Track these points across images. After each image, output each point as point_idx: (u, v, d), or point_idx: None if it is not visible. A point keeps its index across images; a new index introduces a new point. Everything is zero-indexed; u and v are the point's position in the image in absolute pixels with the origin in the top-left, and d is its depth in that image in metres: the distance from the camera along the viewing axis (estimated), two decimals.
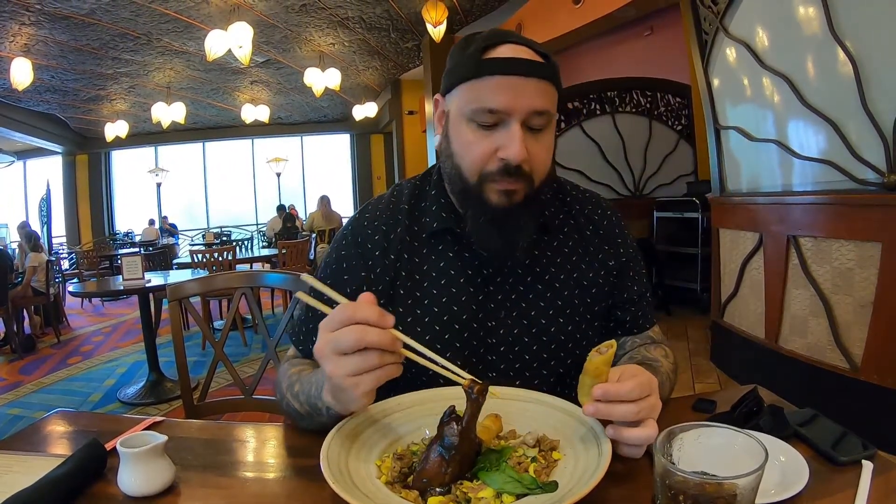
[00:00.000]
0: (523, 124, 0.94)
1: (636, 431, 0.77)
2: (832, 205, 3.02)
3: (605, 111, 6.52)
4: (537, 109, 0.94)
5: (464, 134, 0.98)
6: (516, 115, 0.93)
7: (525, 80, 0.93)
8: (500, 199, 0.97)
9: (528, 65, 0.94)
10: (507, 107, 0.93)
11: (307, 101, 12.39)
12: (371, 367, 0.76)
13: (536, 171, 0.97)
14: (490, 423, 0.83)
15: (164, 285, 3.90)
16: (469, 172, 0.99)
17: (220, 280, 1.80)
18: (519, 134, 0.93)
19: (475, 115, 0.96)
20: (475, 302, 1.05)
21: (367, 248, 1.09)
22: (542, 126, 0.96)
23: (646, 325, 1.15)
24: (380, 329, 0.76)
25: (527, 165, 0.95)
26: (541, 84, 0.95)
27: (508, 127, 0.94)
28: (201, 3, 6.75)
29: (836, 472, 0.78)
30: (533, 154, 0.95)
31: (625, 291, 1.13)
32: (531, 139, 0.95)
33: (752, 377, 3.55)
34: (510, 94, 0.93)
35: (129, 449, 0.78)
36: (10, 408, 4.13)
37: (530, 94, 0.93)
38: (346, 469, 0.76)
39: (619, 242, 1.14)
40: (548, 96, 0.96)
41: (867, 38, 2.76)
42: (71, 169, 14.45)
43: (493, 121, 0.95)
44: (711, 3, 3.74)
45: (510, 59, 0.94)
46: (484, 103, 0.94)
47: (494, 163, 0.95)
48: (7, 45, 7.32)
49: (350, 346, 0.76)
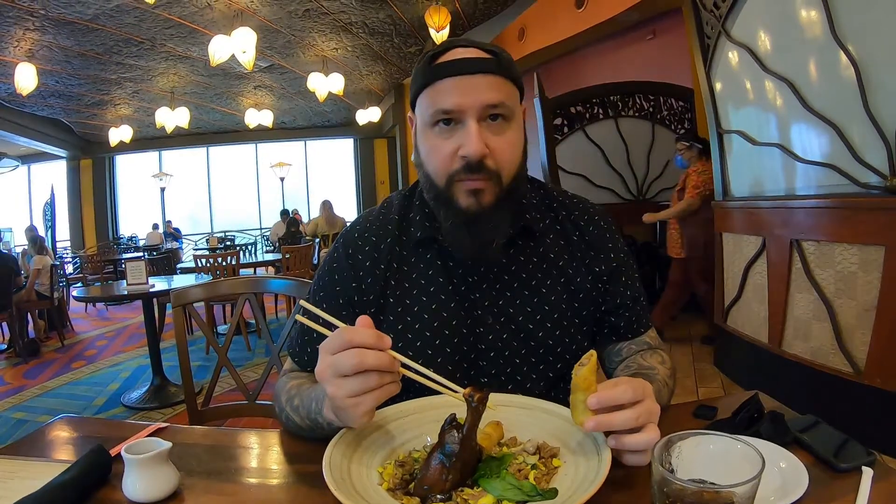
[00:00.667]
0: (480, 120, 0.96)
1: (638, 437, 0.77)
2: (835, 208, 3.01)
3: (607, 115, 6.52)
4: (489, 103, 0.96)
5: (428, 140, 1.01)
6: (470, 111, 0.96)
7: (473, 77, 0.96)
8: (469, 200, 0.98)
9: (473, 62, 0.97)
10: (459, 105, 0.96)
11: (311, 105, 12.42)
12: (370, 388, 0.78)
13: (503, 167, 0.98)
14: (491, 430, 0.83)
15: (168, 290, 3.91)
16: (437, 176, 1.01)
17: (223, 286, 1.81)
18: (474, 129, 0.95)
19: (434, 119, 0.99)
20: (462, 308, 1.07)
21: (357, 259, 1.11)
22: (501, 117, 0.98)
23: (640, 329, 1.15)
24: (378, 351, 0.78)
25: (490, 161, 0.97)
26: (490, 78, 0.97)
27: (465, 125, 0.96)
28: (205, 9, 6.78)
29: (837, 478, 0.78)
30: (494, 148, 0.97)
31: (617, 297, 1.13)
32: (491, 134, 0.97)
33: (756, 382, 3.55)
34: (460, 92, 0.96)
35: (133, 455, 0.78)
36: (14, 412, 4.14)
37: (480, 89, 0.96)
38: (348, 476, 0.76)
39: (609, 248, 1.14)
40: (501, 89, 0.98)
41: (869, 41, 2.77)
42: (75, 173, 14.48)
43: (452, 122, 0.98)
44: (714, 7, 3.74)
45: (456, 60, 0.98)
46: (438, 105, 0.98)
47: (457, 162, 0.97)
48: (11, 50, 7.36)
49: (350, 370, 0.77)
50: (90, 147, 14.19)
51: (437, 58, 1.00)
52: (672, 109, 6.63)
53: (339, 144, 16.23)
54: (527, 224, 1.09)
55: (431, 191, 1.04)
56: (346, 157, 16.37)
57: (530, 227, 1.09)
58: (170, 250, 10.03)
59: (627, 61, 7.54)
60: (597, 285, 1.11)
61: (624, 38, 7.45)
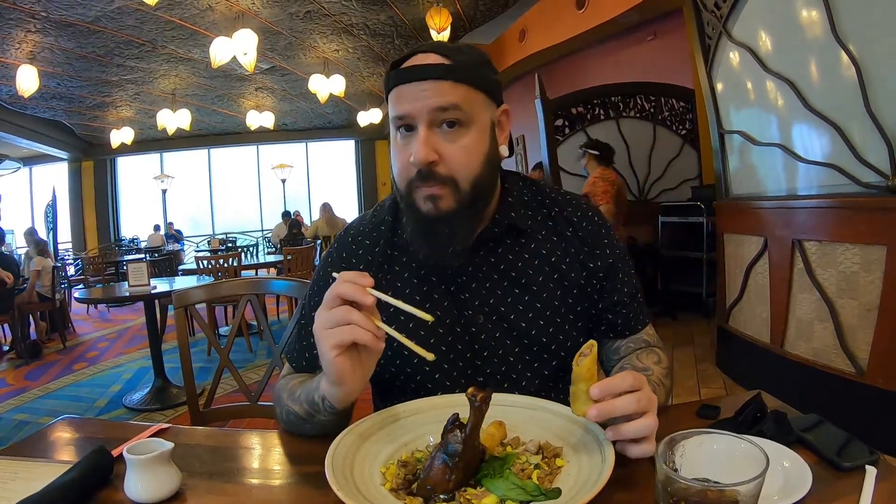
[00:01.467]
0: (432, 126, 0.97)
1: (636, 423, 0.77)
2: (836, 208, 3.01)
3: (608, 116, 6.53)
4: (436, 106, 0.96)
5: (393, 146, 1.03)
6: (420, 117, 0.96)
7: (423, 83, 0.96)
8: (428, 205, 0.99)
9: (423, 69, 0.97)
10: (409, 111, 0.97)
11: (312, 107, 12.42)
12: (338, 320, 0.82)
13: (457, 173, 0.98)
14: (494, 430, 0.83)
15: (170, 292, 3.91)
16: (399, 182, 1.02)
17: (225, 287, 1.81)
18: (422, 136, 0.96)
19: (394, 125, 1.01)
20: (454, 308, 1.07)
21: (351, 262, 1.13)
22: (455, 123, 0.97)
23: (638, 326, 1.15)
24: (351, 283, 0.83)
25: (442, 168, 0.97)
26: (442, 84, 0.96)
27: (417, 131, 0.97)
28: (206, 11, 6.79)
29: (840, 477, 0.77)
30: (446, 155, 0.97)
31: (614, 294, 1.12)
32: (444, 141, 0.97)
33: (758, 382, 3.54)
34: (410, 98, 0.97)
35: (135, 456, 0.78)
36: (16, 413, 4.15)
37: (430, 94, 0.96)
38: (350, 476, 0.76)
39: (604, 244, 1.13)
40: (451, 93, 0.96)
41: (870, 41, 2.76)
42: (76, 175, 14.50)
43: (407, 126, 0.98)
44: (714, 8, 3.74)
45: (406, 68, 0.99)
46: (394, 112, 1.00)
47: (412, 169, 0.98)
48: (13, 52, 7.37)
49: (327, 300, 0.84)
50: (91, 149, 14.21)
51: (400, 64, 1.01)
52: (673, 110, 6.64)
53: (341, 146, 16.23)
54: (513, 222, 1.09)
55: (398, 194, 1.06)
56: (348, 159, 16.38)
57: (517, 224, 1.09)
58: (171, 252, 10.04)
59: (628, 62, 7.55)
60: (591, 282, 1.11)
61: (625, 39, 7.46)
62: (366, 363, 0.87)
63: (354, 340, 0.82)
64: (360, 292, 0.82)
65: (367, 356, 0.86)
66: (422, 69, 0.97)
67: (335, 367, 0.84)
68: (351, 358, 0.85)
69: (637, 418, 0.77)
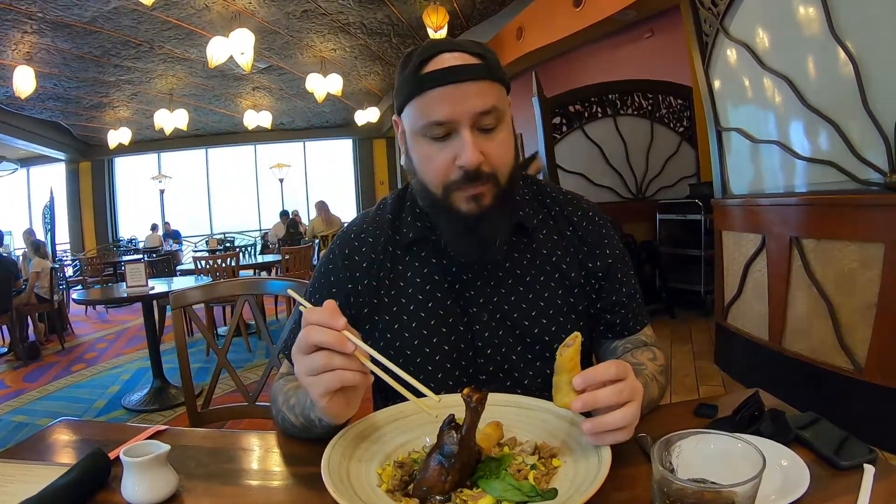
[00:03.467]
0: (473, 128, 0.96)
1: (617, 414, 0.76)
2: (834, 206, 3.01)
3: (606, 114, 6.52)
4: (481, 110, 0.95)
5: (421, 149, 1.01)
6: (463, 121, 0.95)
7: (463, 85, 0.95)
8: (470, 205, 0.98)
9: (462, 70, 0.96)
10: (452, 116, 0.95)
11: (309, 106, 12.42)
12: (317, 367, 0.79)
13: (499, 169, 0.99)
14: (491, 430, 0.83)
15: (168, 292, 3.91)
16: (433, 186, 1.01)
17: (222, 287, 1.81)
18: (469, 139, 0.95)
19: (426, 130, 0.98)
20: (458, 306, 1.07)
21: (354, 260, 1.12)
22: (493, 124, 0.98)
23: (636, 326, 1.14)
24: (326, 329, 0.78)
25: (486, 167, 0.97)
26: (480, 85, 0.96)
27: (460, 134, 0.96)
28: (203, 11, 6.78)
29: (838, 476, 0.77)
30: (489, 154, 0.97)
31: (613, 294, 1.12)
32: (485, 140, 0.97)
33: (756, 379, 3.55)
34: (451, 102, 0.95)
35: (132, 458, 0.78)
36: (15, 415, 4.14)
37: (471, 98, 0.95)
38: (346, 477, 0.76)
39: (604, 244, 1.14)
40: (490, 94, 0.97)
41: (867, 37, 2.76)
42: (74, 176, 14.50)
43: (444, 132, 0.97)
44: (711, 5, 3.74)
45: (445, 70, 0.96)
46: (430, 118, 0.97)
47: (454, 172, 0.97)
48: (10, 53, 7.36)
49: (303, 346, 0.80)
50: (89, 150, 14.22)
51: (423, 65, 0.98)
52: (671, 107, 6.64)
53: (338, 145, 16.23)
54: (519, 220, 1.09)
55: (427, 198, 1.04)
56: (346, 158, 16.38)
57: (523, 223, 1.10)
58: (169, 252, 10.03)
59: (626, 60, 7.55)
60: (591, 281, 1.12)
61: (622, 37, 7.46)
62: (359, 393, 0.85)
63: (342, 385, 0.79)
64: (338, 342, 0.78)
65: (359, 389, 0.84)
66: (462, 70, 0.96)
67: (328, 411, 0.82)
68: (343, 396, 0.82)
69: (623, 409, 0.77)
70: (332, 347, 0.78)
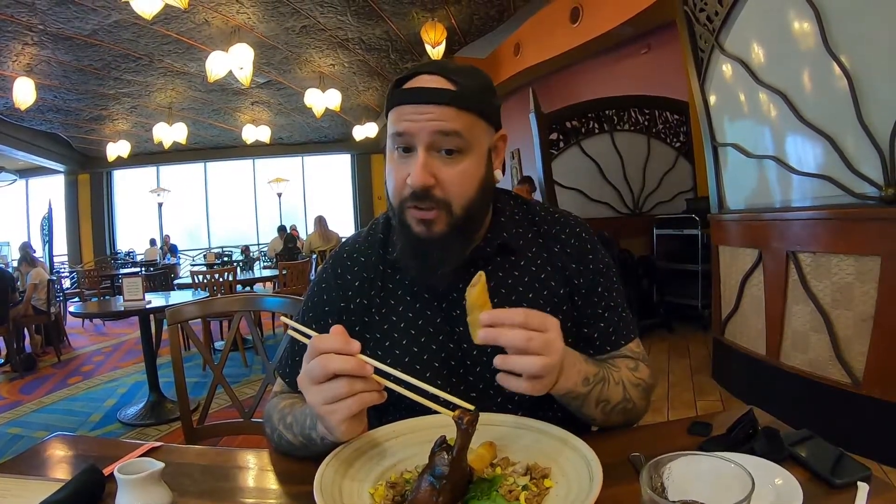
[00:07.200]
0: (431, 149, 0.97)
1: (523, 359, 0.81)
2: (830, 220, 3.02)
3: (603, 129, 6.55)
4: (438, 130, 0.96)
5: (390, 163, 1.03)
6: (419, 139, 0.96)
7: (426, 106, 0.96)
8: (420, 227, 0.99)
9: (428, 92, 0.97)
10: (409, 130, 0.97)
11: (308, 121, 12.46)
12: (341, 394, 0.80)
13: (452, 198, 0.98)
14: (484, 451, 0.83)
15: (165, 306, 3.90)
16: (392, 199, 1.02)
17: (219, 303, 1.81)
18: (421, 159, 0.96)
19: (392, 142, 1.00)
20: (447, 324, 1.07)
21: (346, 279, 1.13)
22: (454, 150, 0.97)
23: (620, 341, 1.12)
24: (344, 356, 0.80)
25: (438, 191, 0.97)
26: (445, 110, 0.96)
27: (416, 153, 0.97)
28: (202, 25, 6.82)
29: (832, 494, 0.77)
30: (443, 179, 0.97)
31: (589, 307, 1.11)
32: (442, 165, 0.97)
33: (754, 394, 3.55)
34: (412, 119, 0.96)
35: (126, 475, 0.78)
36: (10, 427, 4.12)
37: (431, 118, 0.96)
38: (339, 497, 0.76)
39: (588, 259, 1.13)
40: (456, 120, 0.97)
41: (862, 52, 2.79)
42: (73, 188, 14.52)
43: (405, 145, 0.98)
44: (707, 21, 3.77)
45: (413, 89, 0.98)
46: (394, 128, 0.99)
47: (407, 189, 0.98)
48: (10, 64, 7.39)
49: (319, 375, 0.81)
50: (88, 162, 14.25)
51: (404, 82, 1.01)
52: (667, 123, 6.68)
53: (337, 160, 16.28)
54: (504, 241, 1.10)
55: (391, 210, 1.06)
56: (344, 173, 16.43)
57: (508, 244, 1.10)
58: (167, 266, 10.02)
59: (622, 75, 7.60)
60: (574, 298, 1.11)
61: (619, 53, 7.52)
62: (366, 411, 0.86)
63: (364, 407, 0.82)
64: (358, 367, 0.81)
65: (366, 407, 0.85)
66: (425, 92, 0.97)
67: (347, 434, 0.84)
68: (357, 417, 0.83)
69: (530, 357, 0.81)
70: (353, 373, 0.80)
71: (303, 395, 0.88)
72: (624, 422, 1.05)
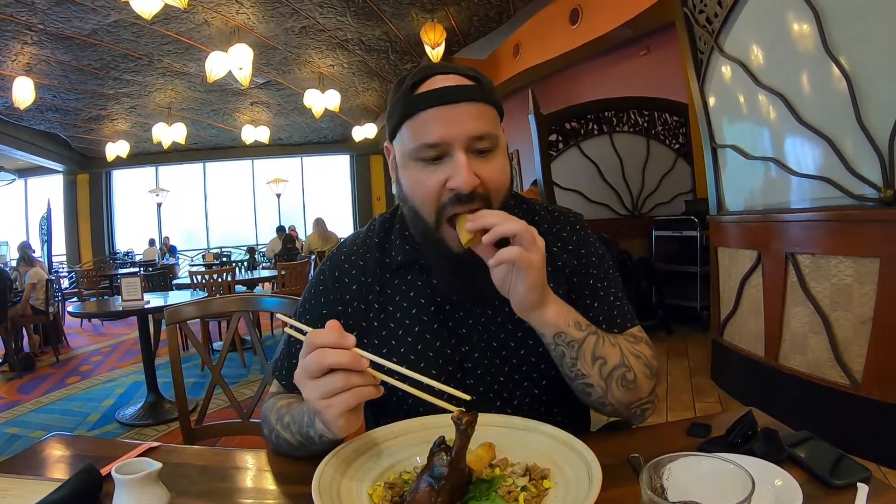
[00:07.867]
0: (467, 150, 0.94)
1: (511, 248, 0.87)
2: (829, 221, 3.02)
3: (602, 131, 6.55)
4: (476, 134, 0.94)
5: (413, 174, 0.98)
6: (457, 143, 0.93)
7: (458, 106, 0.93)
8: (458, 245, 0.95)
9: (458, 91, 0.94)
10: (446, 137, 0.93)
11: (307, 122, 12.46)
12: (337, 388, 0.80)
13: (493, 193, 0.97)
14: (483, 451, 0.83)
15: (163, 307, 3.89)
16: (425, 211, 0.98)
17: (217, 304, 1.80)
18: (464, 161, 0.93)
19: (418, 152, 0.96)
20: (446, 329, 1.06)
21: (344, 282, 1.12)
22: (488, 148, 0.96)
23: (613, 329, 1.08)
24: (340, 350, 0.80)
25: (481, 189, 0.95)
26: (476, 107, 0.95)
27: (453, 156, 0.94)
28: (202, 25, 6.82)
29: (831, 495, 0.77)
30: (484, 176, 0.95)
31: (585, 297, 1.10)
32: (479, 163, 0.95)
33: (753, 396, 3.55)
34: (446, 123, 0.93)
35: (124, 475, 0.78)
36: (8, 427, 4.11)
37: (466, 119, 0.93)
38: (337, 497, 0.76)
39: (582, 253, 1.13)
40: (486, 118, 0.95)
41: (861, 53, 2.79)
42: (72, 188, 14.51)
43: (437, 154, 0.95)
44: (706, 23, 3.77)
45: (439, 90, 0.94)
46: (423, 139, 0.94)
47: (446, 194, 0.95)
48: (10, 64, 7.39)
49: (315, 370, 0.80)
50: (87, 162, 14.24)
51: (416, 87, 0.97)
52: (667, 124, 6.67)
53: (336, 161, 16.29)
54: None
55: (418, 226, 1.02)
56: (343, 174, 16.43)
57: None
58: (165, 266, 10.01)
59: (622, 77, 7.61)
60: (570, 296, 1.10)
61: (618, 54, 7.52)
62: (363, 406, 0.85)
63: (361, 401, 0.81)
64: (354, 361, 0.80)
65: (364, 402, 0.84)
66: (456, 91, 0.94)
67: (344, 429, 0.83)
68: (354, 412, 0.82)
69: None
70: (349, 367, 0.79)
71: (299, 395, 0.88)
72: (626, 399, 0.99)
